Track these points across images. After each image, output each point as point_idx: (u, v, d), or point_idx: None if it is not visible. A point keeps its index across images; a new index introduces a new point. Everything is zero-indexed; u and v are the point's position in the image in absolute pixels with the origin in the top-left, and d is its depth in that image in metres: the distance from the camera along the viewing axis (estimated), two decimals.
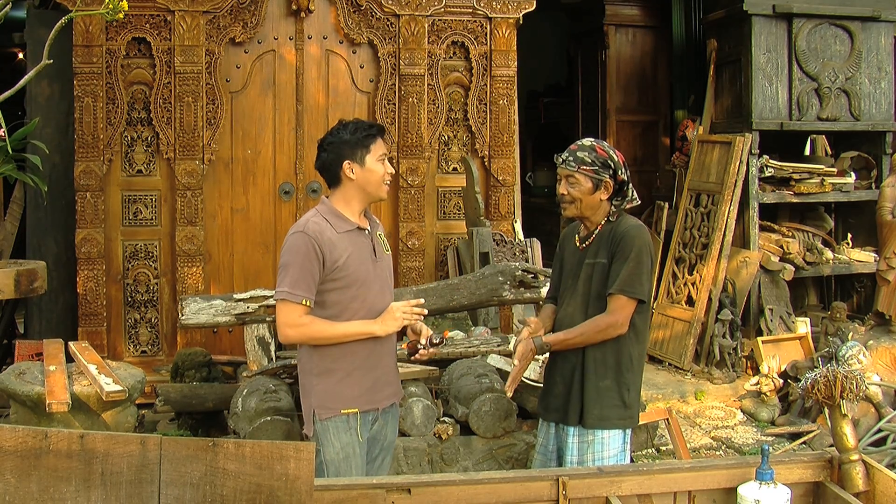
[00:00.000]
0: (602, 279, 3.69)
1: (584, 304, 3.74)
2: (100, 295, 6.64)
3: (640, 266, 3.62)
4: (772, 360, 6.96)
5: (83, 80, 6.53)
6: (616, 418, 3.70)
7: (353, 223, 3.63)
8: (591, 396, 3.69)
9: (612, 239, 3.70)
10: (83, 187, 6.58)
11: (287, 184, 7.02)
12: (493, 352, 5.40)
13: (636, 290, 3.62)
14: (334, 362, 3.57)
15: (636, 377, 3.77)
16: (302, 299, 3.48)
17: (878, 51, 8.13)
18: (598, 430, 3.69)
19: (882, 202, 7.18)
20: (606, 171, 3.70)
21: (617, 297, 3.62)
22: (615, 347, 3.69)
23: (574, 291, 3.81)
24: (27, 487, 2.51)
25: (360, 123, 3.67)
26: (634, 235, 3.66)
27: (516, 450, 5.02)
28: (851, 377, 3.38)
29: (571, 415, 3.74)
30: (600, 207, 3.75)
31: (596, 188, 3.71)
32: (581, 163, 3.70)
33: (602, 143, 3.80)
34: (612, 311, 3.63)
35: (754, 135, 7.77)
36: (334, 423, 3.56)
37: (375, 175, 3.62)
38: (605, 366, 3.69)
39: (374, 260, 3.67)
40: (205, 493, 2.61)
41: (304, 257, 3.49)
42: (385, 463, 3.81)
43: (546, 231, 10.64)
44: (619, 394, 3.70)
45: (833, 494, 3.21)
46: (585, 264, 3.77)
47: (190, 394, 5.67)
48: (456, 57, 7.22)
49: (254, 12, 6.81)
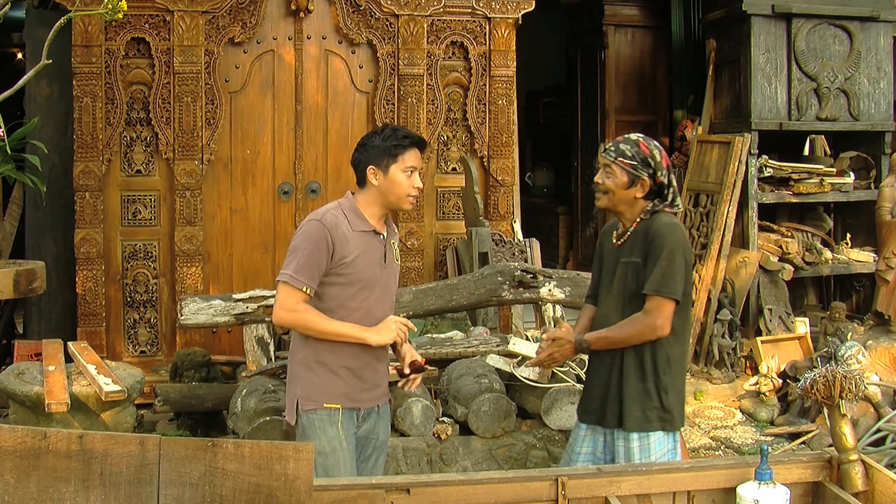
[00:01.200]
0: (636, 278, 3.63)
1: (620, 305, 3.68)
2: (99, 295, 6.64)
3: (672, 265, 3.55)
4: (771, 360, 6.96)
5: (82, 80, 6.53)
6: (657, 420, 3.63)
7: (371, 225, 3.62)
8: (630, 398, 3.63)
9: (645, 237, 3.62)
10: (82, 187, 6.57)
11: (286, 184, 7.02)
12: (492, 352, 5.40)
13: (671, 289, 3.54)
14: (323, 357, 3.58)
15: (675, 379, 3.69)
16: (303, 286, 3.47)
17: (877, 51, 8.13)
18: (640, 433, 3.63)
19: (881, 202, 7.18)
20: (645, 169, 3.62)
21: (652, 298, 3.56)
22: (652, 349, 3.62)
23: (610, 291, 3.76)
24: (26, 487, 2.51)
25: (397, 132, 3.63)
26: (666, 234, 3.58)
27: (515, 450, 5.02)
28: (850, 377, 3.38)
29: (610, 417, 3.69)
30: (635, 205, 3.67)
31: (631, 183, 3.63)
32: (620, 154, 3.65)
33: (650, 140, 3.71)
34: (649, 311, 3.56)
35: (753, 135, 7.77)
36: (319, 417, 3.56)
37: (398, 187, 3.59)
38: (644, 367, 3.63)
39: (383, 266, 3.66)
40: (204, 494, 2.61)
41: (314, 245, 3.48)
42: (380, 462, 3.80)
43: (545, 231, 10.67)
44: (658, 396, 3.63)
45: (832, 494, 3.21)
46: (621, 263, 3.71)
47: (189, 394, 5.67)
48: (455, 57, 7.22)
49: (253, 12, 6.80)
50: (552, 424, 5.06)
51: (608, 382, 3.70)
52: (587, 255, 10.09)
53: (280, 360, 5.28)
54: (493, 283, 5.58)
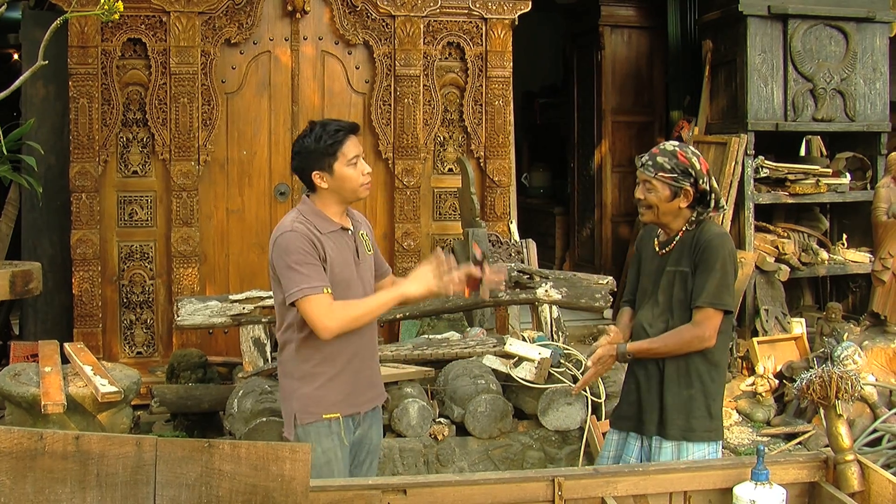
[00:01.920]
0: (684, 287, 3.58)
1: (666, 313, 3.63)
2: (95, 296, 6.63)
3: (725, 276, 3.52)
4: (767, 360, 6.96)
5: (78, 81, 6.52)
6: (702, 430, 3.59)
7: (336, 223, 3.53)
8: (673, 406, 3.59)
9: (694, 247, 3.57)
10: (78, 188, 6.57)
11: (282, 185, 7.01)
12: (488, 353, 5.40)
13: (724, 301, 3.51)
14: (316, 367, 3.50)
15: (720, 387, 3.67)
16: (323, 288, 3.34)
17: (873, 51, 8.14)
18: (685, 441, 3.59)
19: (877, 203, 7.19)
20: (687, 180, 3.56)
21: (704, 310, 3.51)
22: (697, 356, 3.58)
23: (653, 299, 3.70)
24: (22, 489, 2.51)
25: (327, 128, 3.48)
26: (718, 245, 3.53)
27: (512, 450, 5.03)
28: (847, 377, 3.38)
29: (648, 424, 3.65)
30: (680, 214, 3.62)
31: (675, 196, 3.57)
32: (660, 169, 3.57)
33: (686, 148, 3.63)
34: (699, 322, 3.52)
35: (750, 135, 7.78)
36: (316, 428, 3.48)
37: (348, 181, 3.47)
38: (688, 375, 3.59)
39: (357, 261, 3.57)
40: (200, 495, 2.61)
41: (307, 252, 3.37)
42: (373, 466, 3.75)
43: (542, 232, 10.66)
44: (705, 404, 3.60)
45: (828, 495, 3.22)
46: (666, 272, 3.65)
47: (185, 395, 5.66)
48: (451, 58, 7.22)
49: (249, 13, 6.80)
50: (549, 425, 5.07)
51: (648, 388, 3.66)
52: (583, 255, 10.10)
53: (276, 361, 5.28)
54: None
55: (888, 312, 7.06)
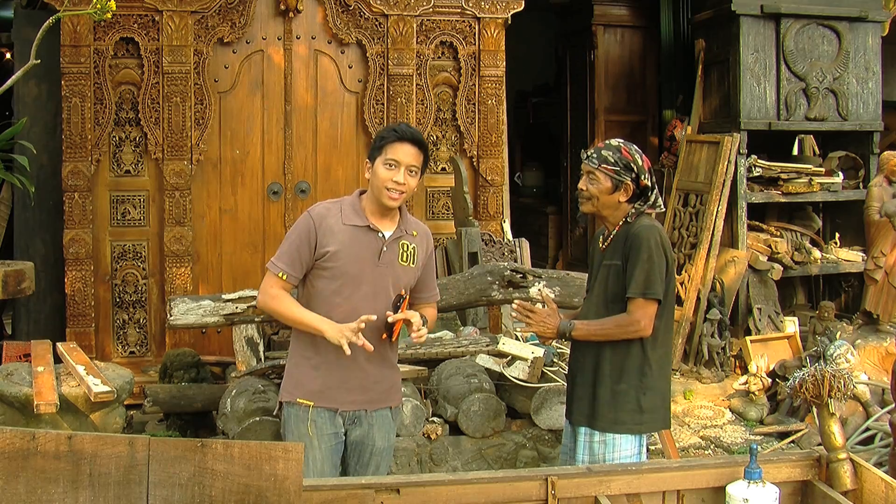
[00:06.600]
0: (617, 281, 3.67)
1: (601, 307, 3.72)
2: (88, 295, 6.62)
3: (653, 266, 3.59)
4: (760, 359, 6.98)
5: (71, 81, 6.51)
6: (631, 423, 3.68)
7: (365, 220, 3.58)
8: (604, 400, 3.68)
9: (625, 240, 3.67)
10: (71, 188, 6.56)
11: (275, 184, 7.01)
12: (482, 352, 5.40)
13: (654, 290, 3.59)
14: (306, 351, 3.62)
15: (657, 381, 3.72)
16: (279, 271, 3.55)
17: (866, 51, 8.16)
18: (610, 433, 3.68)
19: (870, 202, 7.20)
20: (628, 174, 3.67)
21: (635, 300, 3.60)
22: (632, 351, 3.66)
23: (592, 292, 3.82)
24: (14, 489, 2.50)
25: (391, 126, 3.70)
26: (645, 236, 3.62)
27: (505, 449, 5.03)
28: (839, 376, 3.39)
29: (577, 415, 3.77)
30: (619, 209, 3.72)
31: (615, 189, 3.68)
32: (603, 161, 3.69)
33: (630, 145, 3.76)
34: (632, 312, 3.61)
35: (742, 135, 7.79)
36: (295, 411, 3.61)
37: (377, 179, 3.54)
38: (621, 369, 3.67)
39: (376, 263, 3.58)
40: (193, 494, 2.61)
41: (297, 235, 3.57)
42: (381, 469, 3.75)
43: (535, 231, 10.67)
44: (635, 398, 3.67)
45: (821, 493, 3.22)
46: (603, 265, 3.76)
47: (178, 394, 5.66)
48: (444, 57, 7.23)
49: (242, 12, 6.79)
50: (542, 424, 5.07)
51: (582, 381, 3.76)
52: (576, 254, 10.11)
53: (269, 360, 5.28)
54: (482, 283, 5.57)
55: (880, 311, 7.08)
